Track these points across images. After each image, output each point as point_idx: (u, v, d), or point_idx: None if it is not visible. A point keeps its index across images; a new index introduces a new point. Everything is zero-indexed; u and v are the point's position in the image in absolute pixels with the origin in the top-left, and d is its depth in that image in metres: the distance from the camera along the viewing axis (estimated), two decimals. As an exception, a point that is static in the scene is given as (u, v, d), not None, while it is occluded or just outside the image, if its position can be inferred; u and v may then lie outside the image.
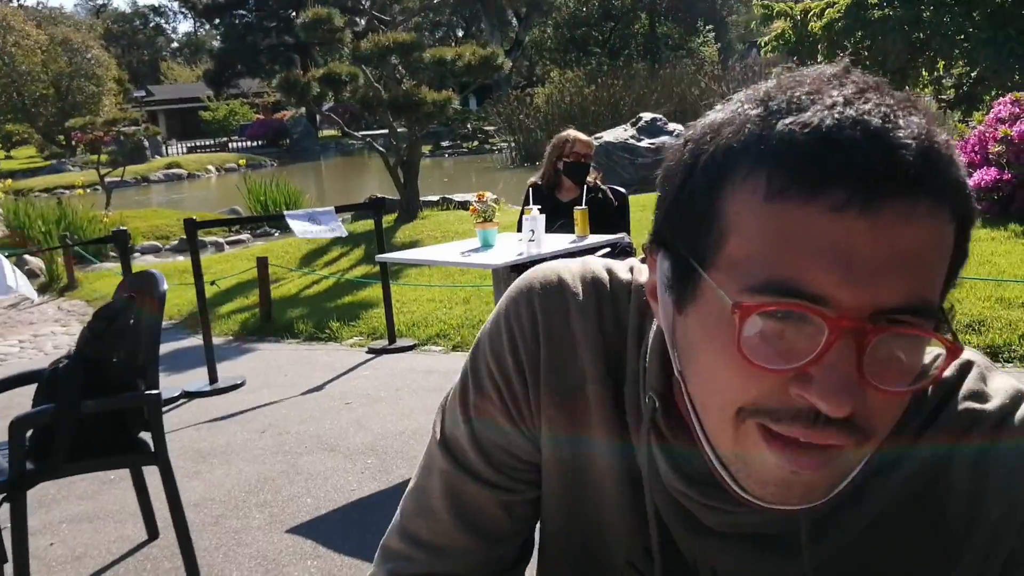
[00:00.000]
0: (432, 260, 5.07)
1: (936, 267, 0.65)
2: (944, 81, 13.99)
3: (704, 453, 0.74)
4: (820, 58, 13.15)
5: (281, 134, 42.32)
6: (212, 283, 8.87)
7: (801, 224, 0.62)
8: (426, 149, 24.20)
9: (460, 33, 44.97)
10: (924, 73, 13.81)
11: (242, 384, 5.99)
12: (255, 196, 14.80)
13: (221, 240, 14.43)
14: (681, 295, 0.70)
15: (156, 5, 78.66)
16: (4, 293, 5.25)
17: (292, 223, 6.32)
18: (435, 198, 13.41)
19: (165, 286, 3.37)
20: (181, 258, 12.61)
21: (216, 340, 6.68)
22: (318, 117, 44.04)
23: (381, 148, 11.79)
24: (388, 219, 11.72)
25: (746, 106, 0.67)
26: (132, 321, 3.32)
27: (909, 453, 0.77)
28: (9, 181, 19.19)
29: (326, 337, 7.18)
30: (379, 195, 8.09)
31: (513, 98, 28.36)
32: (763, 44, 14.76)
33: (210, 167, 34.90)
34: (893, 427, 0.70)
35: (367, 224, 11.35)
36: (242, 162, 31.45)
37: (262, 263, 7.79)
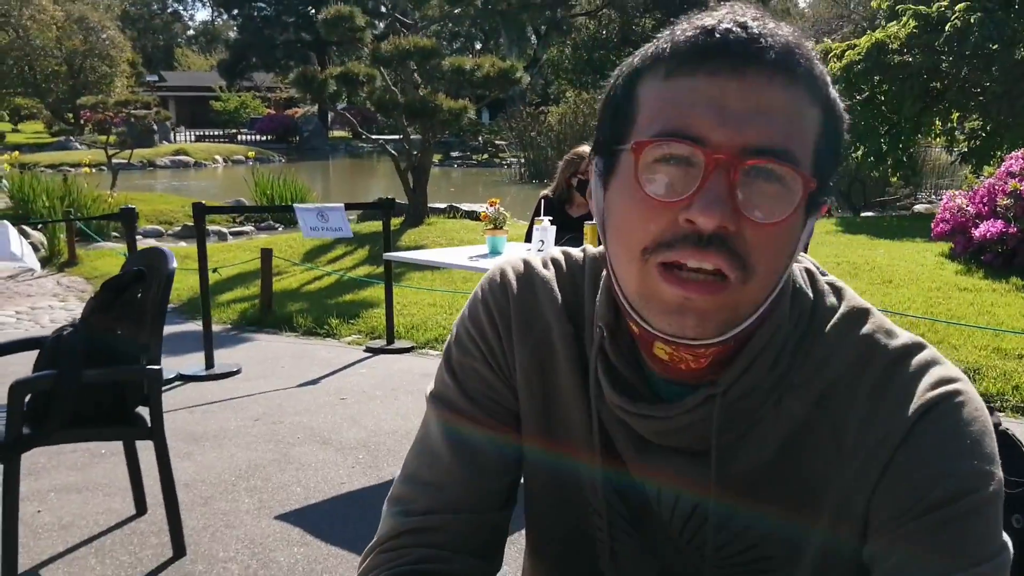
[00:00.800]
0: (440, 262, 5.07)
1: (797, 127, 0.81)
2: (958, 134, 14.06)
3: (620, 303, 0.89)
4: (836, 99, 13.21)
5: (291, 131, 42.39)
6: (214, 271, 8.86)
7: (687, 89, 0.81)
8: (436, 158, 24.20)
9: (478, 46, 45.08)
10: (938, 123, 13.86)
11: (238, 372, 5.98)
12: (261, 189, 14.79)
13: (225, 230, 14.43)
14: (606, 175, 0.88)
15: (176, -9, 78.62)
16: (9, 260, 5.27)
17: (301, 217, 6.32)
18: (442, 205, 13.44)
19: (174, 264, 3.37)
20: (183, 244, 12.60)
21: (215, 328, 6.66)
22: (329, 117, 44.12)
23: (393, 152, 11.81)
24: (395, 222, 11.72)
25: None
26: (139, 295, 3.32)
27: (821, 373, 0.91)
28: (16, 153, 19.15)
29: (325, 333, 7.18)
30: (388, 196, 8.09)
31: (526, 115, 28.43)
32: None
33: (218, 157, 34.93)
34: (807, 345, 0.91)
35: (373, 225, 11.38)
36: (251, 154, 31.48)
37: (266, 254, 7.79)
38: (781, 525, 0.93)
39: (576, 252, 1.08)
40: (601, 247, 0.97)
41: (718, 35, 0.80)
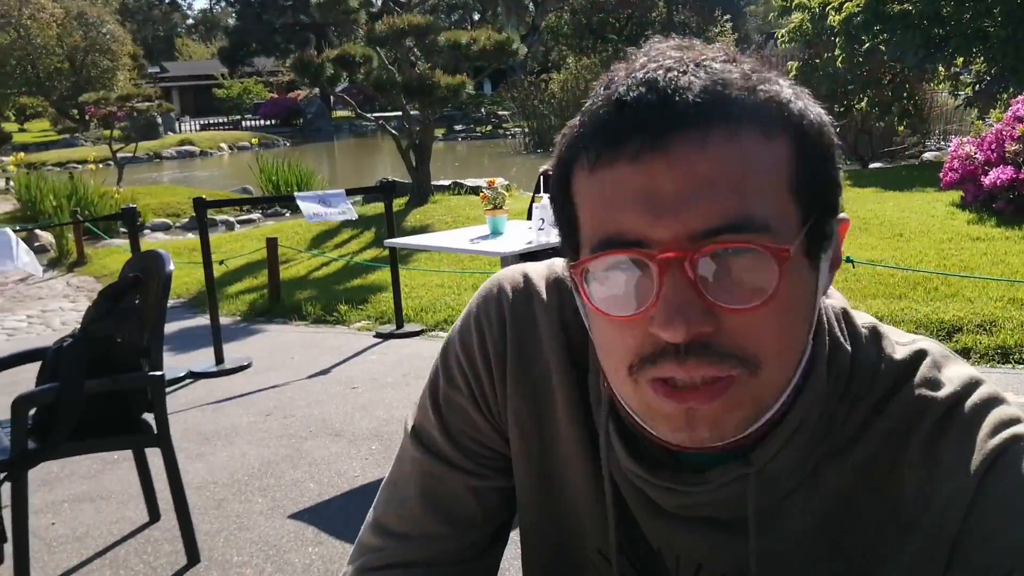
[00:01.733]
0: (441, 247, 5.04)
1: (754, 181, 0.68)
2: (962, 78, 13.87)
3: (629, 414, 0.79)
4: (837, 51, 13.05)
5: (295, 114, 42.30)
6: (221, 263, 8.86)
7: (613, 182, 0.69)
8: (439, 132, 24.14)
9: (476, 17, 44.75)
10: (941, 70, 13.67)
11: (248, 366, 5.98)
12: (267, 176, 14.77)
13: (232, 219, 14.42)
14: (577, 291, 0.76)
15: (172, -20, 78.32)
16: (7, 268, 5.25)
17: (302, 205, 6.29)
18: (447, 182, 13.38)
19: (171, 267, 3.34)
20: (191, 236, 12.61)
21: (224, 320, 6.67)
22: (332, 98, 43.98)
23: (393, 131, 11.74)
24: (399, 202, 11.70)
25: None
26: (137, 301, 3.30)
27: (863, 438, 0.80)
28: (21, 155, 19.20)
29: (334, 320, 7.17)
30: (391, 178, 8.07)
31: (528, 83, 28.23)
32: (780, 36, 14.65)
33: (223, 145, 34.91)
34: (846, 408, 0.79)
35: (378, 207, 11.33)
36: (255, 140, 31.43)
37: (272, 244, 7.77)
38: None
39: None
40: None
41: (628, 107, 0.68)
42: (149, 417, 3.24)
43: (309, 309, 7.41)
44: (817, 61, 13.67)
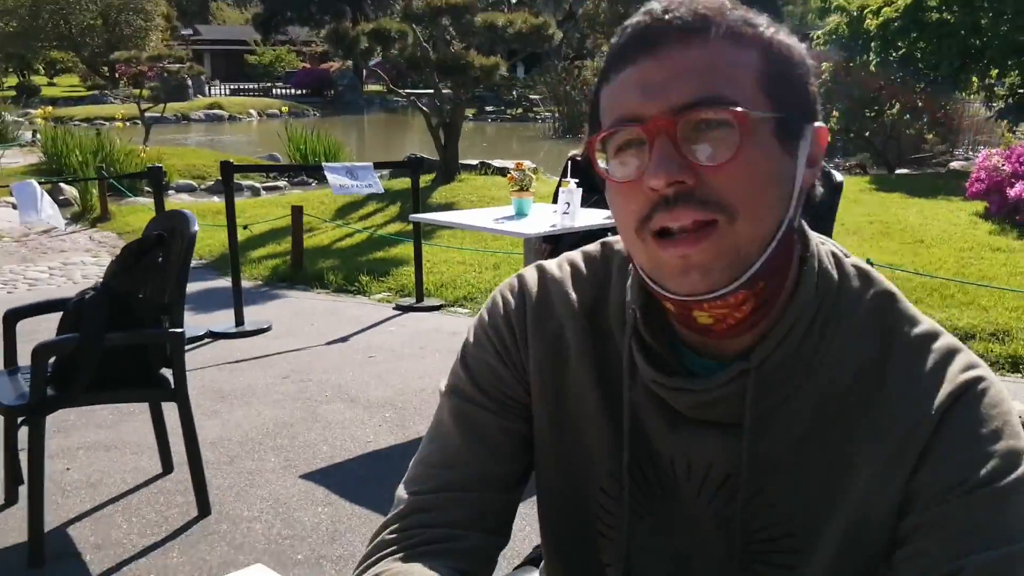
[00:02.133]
0: (465, 224, 5.05)
1: (725, 74, 0.86)
2: (996, 89, 13.75)
3: (643, 278, 0.95)
4: (872, 55, 12.95)
5: (326, 85, 42.33)
6: (245, 227, 8.92)
7: (620, 83, 0.89)
8: (470, 112, 23.99)
9: (514, 1, 44.61)
10: (975, 80, 13.55)
11: (268, 329, 6.03)
12: (295, 144, 14.80)
13: (258, 185, 14.49)
14: (602, 179, 0.94)
15: (210, -58, 78.26)
16: (31, 218, 5.31)
17: (330, 176, 6.32)
18: (474, 162, 13.37)
19: (196, 227, 3.38)
20: (216, 199, 12.68)
21: (245, 284, 6.71)
22: (364, 72, 43.98)
23: (425, 108, 11.75)
24: (426, 179, 11.71)
25: None
26: (160, 259, 3.33)
27: (850, 355, 0.96)
28: (50, 108, 19.35)
29: (355, 290, 7.21)
30: (418, 154, 8.08)
31: (561, 69, 28.15)
32: (816, 38, 14.54)
33: (252, 111, 35.01)
34: (835, 325, 0.95)
35: (404, 183, 11.35)
36: (285, 108, 31.52)
37: (297, 211, 7.82)
38: (811, 500, 0.97)
39: (594, 248, 1.13)
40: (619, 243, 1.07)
41: (632, 30, 0.90)
42: (167, 372, 3.29)
43: (331, 278, 7.45)
44: (851, 64, 13.56)
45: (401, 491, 1.09)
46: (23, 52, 40.47)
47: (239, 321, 6.04)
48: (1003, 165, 8.72)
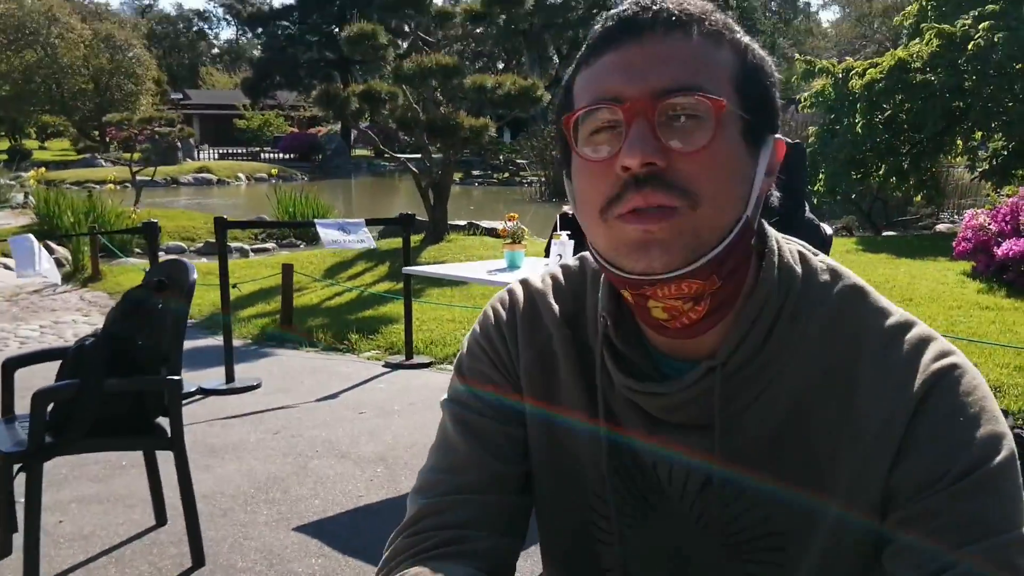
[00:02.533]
0: (458, 276, 5.10)
1: (703, 66, 0.90)
2: (980, 152, 13.97)
3: (598, 262, 0.96)
4: (857, 117, 13.17)
5: (314, 149, 42.63)
6: (234, 286, 8.90)
7: (599, 66, 0.92)
8: (457, 176, 24.24)
9: (501, 65, 45.27)
10: (960, 142, 13.78)
11: (258, 386, 6.02)
12: (284, 207, 14.88)
13: (246, 247, 14.52)
14: (568, 168, 0.98)
15: (201, 10, 79.62)
16: (33, 273, 5.32)
17: (321, 231, 6.37)
18: (462, 223, 13.48)
19: (195, 275, 3.41)
20: (206, 260, 12.67)
21: (235, 343, 6.70)
22: (352, 135, 44.37)
23: (414, 168, 11.86)
24: (415, 239, 11.77)
25: None
26: (160, 306, 3.35)
27: (819, 350, 0.96)
28: (43, 170, 19.40)
29: (344, 348, 7.21)
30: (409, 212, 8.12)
31: (547, 134, 28.47)
32: (802, 100, 14.80)
33: (240, 175, 35.18)
34: (802, 322, 0.96)
35: (394, 242, 11.42)
36: (274, 172, 31.68)
37: (287, 269, 7.85)
38: (790, 499, 0.97)
39: (573, 262, 1.16)
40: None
41: (619, 17, 0.93)
42: (162, 422, 3.28)
43: (320, 336, 7.46)
44: (837, 127, 13.77)
45: (411, 500, 1.11)
46: (15, 116, 40.74)
47: (229, 378, 6.03)
48: (989, 224, 8.84)
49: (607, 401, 1.05)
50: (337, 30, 42.78)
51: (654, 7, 0.92)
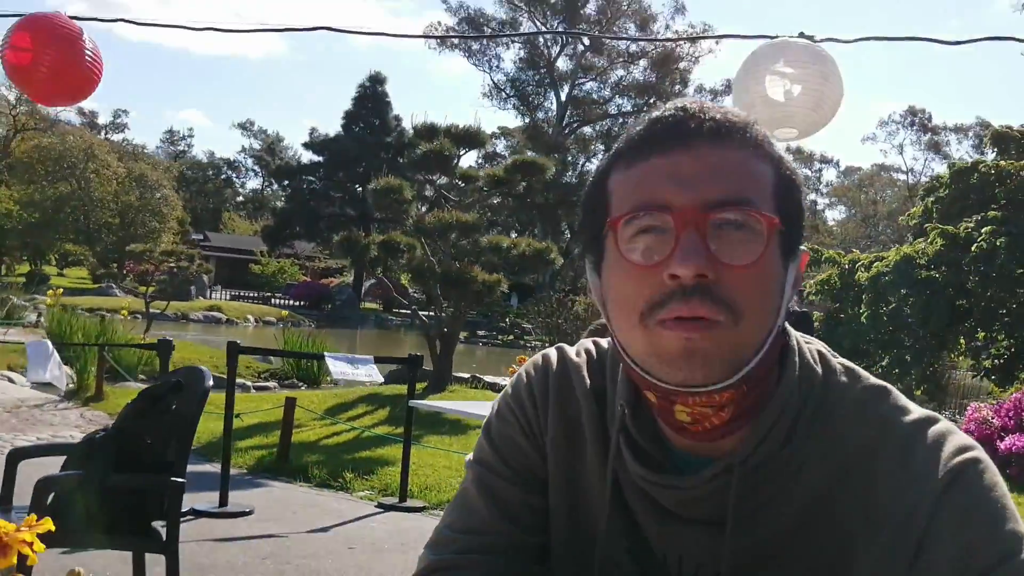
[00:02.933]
0: (464, 411, 5.14)
1: (750, 180, 0.92)
2: (984, 353, 14.14)
3: (628, 366, 0.96)
4: (862, 308, 13.40)
5: (324, 299, 43.12)
6: (237, 416, 8.92)
7: (646, 169, 0.94)
8: (462, 335, 24.51)
9: (514, 235, 46.39)
10: (963, 341, 13.97)
11: (250, 512, 5.96)
12: (291, 347, 15.01)
13: (249, 383, 14.54)
14: (597, 264, 1.00)
15: (232, 159, 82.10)
16: (39, 376, 5.40)
17: (331, 363, 6.48)
18: (465, 375, 13.55)
19: (210, 381, 3.49)
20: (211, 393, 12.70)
21: (231, 471, 6.67)
22: (363, 288, 44.98)
23: (423, 317, 12.05)
24: (419, 387, 11.82)
25: None
26: (174, 406, 3.42)
27: (838, 448, 0.97)
28: (60, 290, 19.71)
29: (338, 486, 7.15)
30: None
31: (555, 302, 28.87)
32: (808, 288, 15.10)
33: (250, 316, 35.49)
34: (821, 421, 0.97)
35: (397, 388, 11.48)
36: (283, 314, 32.01)
37: (290, 403, 7.89)
38: None
39: (604, 342, 1.16)
40: None
41: (663, 122, 0.95)
42: (159, 527, 3.28)
43: (315, 472, 7.41)
44: (842, 316, 14.01)
45: (424, 553, 1.12)
46: (39, 242, 41.57)
47: (223, 502, 5.99)
48: (992, 419, 8.88)
49: (620, 487, 1.05)
50: (360, 188, 44.14)
51: (701, 114, 0.94)
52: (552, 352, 1.18)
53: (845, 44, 4.77)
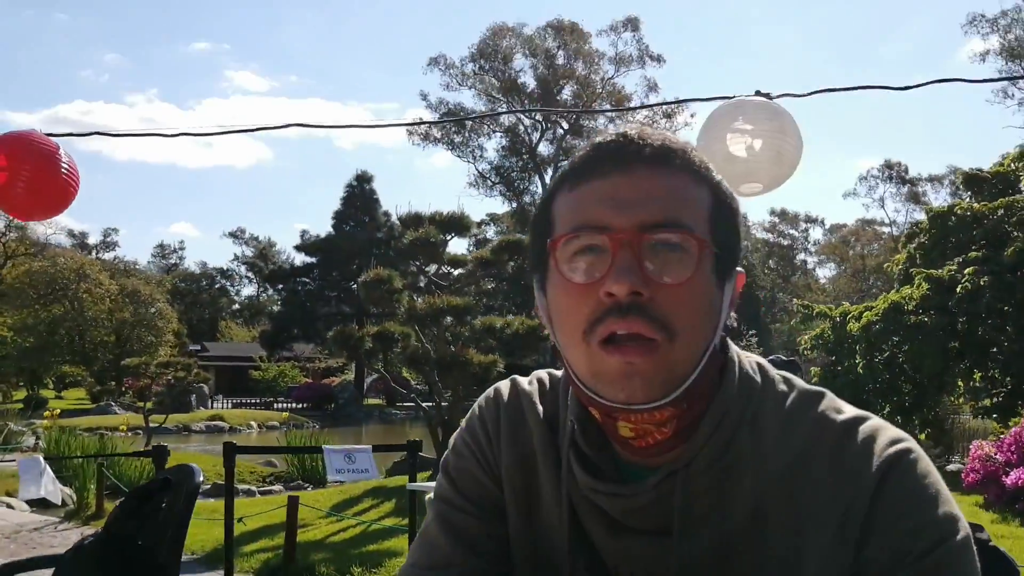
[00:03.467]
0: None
1: (685, 204, 0.97)
2: (985, 396, 14.10)
3: (574, 383, 1.01)
4: (857, 359, 13.42)
5: (327, 399, 42.90)
6: (240, 519, 8.84)
7: (586, 192, 0.99)
8: (463, 421, 24.42)
9: (510, 317, 46.43)
10: (960, 382, 13.96)
11: (256, 614, 5.88)
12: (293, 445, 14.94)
13: (254, 488, 14.43)
14: (542, 283, 1.04)
15: (224, 268, 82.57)
16: (32, 493, 5.38)
17: (328, 458, 6.44)
18: (469, 463, 13.46)
19: (200, 478, 3.44)
20: (212, 500, 12.59)
21: None
22: (365, 385, 44.85)
23: (424, 406, 12.03)
24: (422, 476, 11.72)
25: None
26: (163, 505, 3.38)
27: (775, 451, 1.00)
28: (57, 411, 19.65)
29: (347, 582, 7.06)
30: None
31: (552, 384, 28.82)
32: (803, 343, 15.14)
33: (252, 423, 35.28)
34: (759, 428, 1.00)
35: (400, 480, 11.39)
36: (284, 416, 31.85)
37: (293, 502, 7.82)
38: None
39: (557, 372, 1.20)
40: None
41: (605, 147, 1.00)
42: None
43: (323, 570, 7.31)
44: (839, 368, 14.01)
45: None
46: (36, 367, 41.50)
47: (228, 606, 5.91)
48: (995, 454, 8.84)
49: (572, 503, 1.07)
50: (354, 285, 44.36)
51: (640, 140, 0.98)
52: (504, 384, 1.22)
53: (801, 98, 4.88)
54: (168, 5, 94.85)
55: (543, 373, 1.22)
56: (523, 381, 1.21)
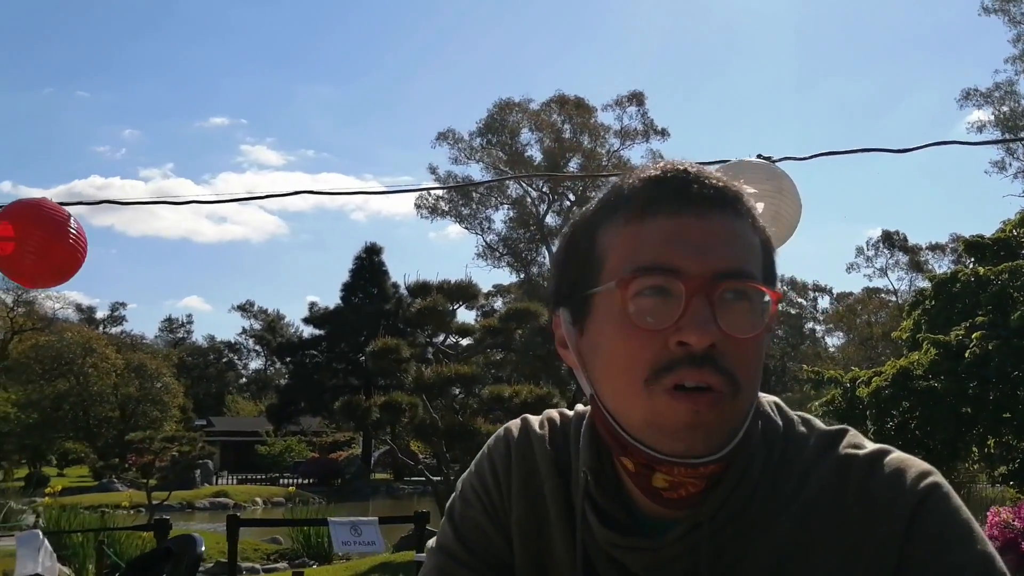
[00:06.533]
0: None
1: (750, 251, 0.94)
2: (1000, 464, 13.90)
3: (620, 437, 0.94)
4: (868, 424, 13.29)
5: (334, 474, 42.46)
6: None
7: (652, 229, 0.92)
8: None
9: (518, 387, 46.23)
10: (974, 449, 13.79)
11: None
12: (299, 528, 14.72)
13: (258, 567, 14.23)
14: (578, 317, 0.98)
15: (232, 342, 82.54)
16: (28, 571, 5.27)
17: (333, 530, 6.35)
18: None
19: (202, 548, 3.40)
20: (216, 576, 12.39)
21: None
22: (372, 459, 44.46)
23: (432, 478, 11.90)
24: (430, 544, 11.56)
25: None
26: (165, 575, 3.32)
27: (800, 494, 0.96)
28: (58, 487, 19.48)
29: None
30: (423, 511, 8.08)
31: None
32: (812, 409, 15.00)
33: (258, 499, 34.89)
34: (785, 472, 0.96)
35: (408, 555, 11.21)
36: (291, 490, 31.50)
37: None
38: None
39: (568, 411, 1.15)
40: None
41: (666, 182, 0.94)
42: None
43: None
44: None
45: None
46: (38, 443, 41.22)
47: None
48: (1013, 521, 8.65)
49: (589, 559, 1.02)
50: (362, 357, 44.29)
51: (703, 179, 0.94)
52: (515, 424, 1.15)
53: (803, 162, 4.90)
54: (188, 80, 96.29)
55: (554, 413, 1.15)
56: (534, 422, 1.14)
